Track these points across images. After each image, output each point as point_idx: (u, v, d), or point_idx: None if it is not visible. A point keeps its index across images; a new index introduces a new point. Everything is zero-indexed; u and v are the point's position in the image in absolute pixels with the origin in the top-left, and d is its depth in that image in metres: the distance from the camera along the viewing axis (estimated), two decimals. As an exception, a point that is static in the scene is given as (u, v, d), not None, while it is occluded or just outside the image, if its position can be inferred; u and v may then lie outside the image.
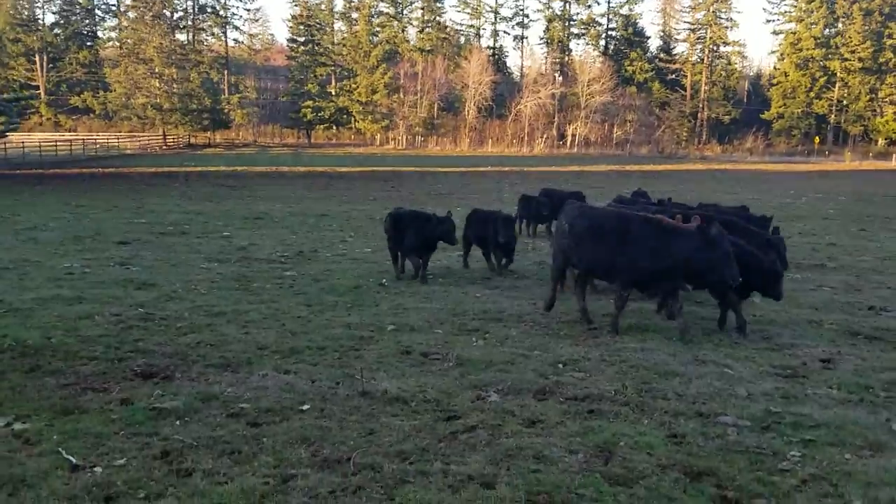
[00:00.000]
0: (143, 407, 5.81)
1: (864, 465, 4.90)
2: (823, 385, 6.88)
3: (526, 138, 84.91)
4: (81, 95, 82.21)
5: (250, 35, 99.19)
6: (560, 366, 7.39)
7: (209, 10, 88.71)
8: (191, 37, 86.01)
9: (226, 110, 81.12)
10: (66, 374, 6.70)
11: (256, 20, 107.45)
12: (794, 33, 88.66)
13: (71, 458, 4.79)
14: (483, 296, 11.24)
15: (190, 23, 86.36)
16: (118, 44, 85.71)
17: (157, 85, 74.50)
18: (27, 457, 4.85)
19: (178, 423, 5.52)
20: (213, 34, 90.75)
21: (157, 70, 74.37)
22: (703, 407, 6.10)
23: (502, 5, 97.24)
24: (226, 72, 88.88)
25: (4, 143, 47.01)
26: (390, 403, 6.06)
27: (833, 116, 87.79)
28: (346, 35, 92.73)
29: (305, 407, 5.94)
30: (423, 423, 5.63)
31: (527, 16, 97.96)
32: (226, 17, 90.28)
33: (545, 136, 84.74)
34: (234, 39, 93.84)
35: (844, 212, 27.70)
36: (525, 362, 7.48)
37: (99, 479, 4.51)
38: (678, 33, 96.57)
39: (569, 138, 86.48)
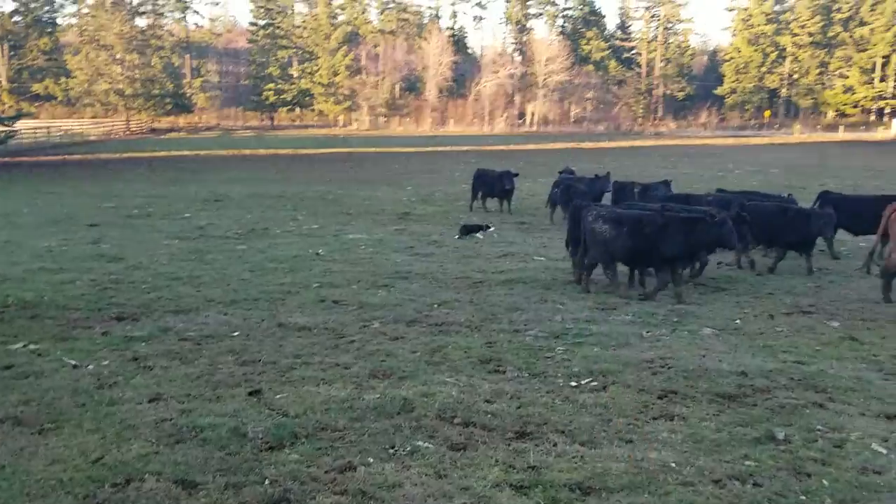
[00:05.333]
0: (119, 335, 8.16)
1: (603, 354, 7.42)
2: (625, 314, 9.41)
3: (487, 117, 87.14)
4: (43, 82, 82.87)
5: (211, 18, 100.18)
6: (436, 306, 9.83)
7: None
8: (151, 22, 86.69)
9: (188, 94, 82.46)
10: (59, 318, 9.01)
11: (217, 3, 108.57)
12: (746, 10, 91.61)
13: (72, 361, 7.16)
14: (401, 260, 13.60)
15: (150, 7, 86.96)
16: (78, 30, 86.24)
17: (119, 71, 75.52)
18: (42, 362, 7.20)
19: (143, 344, 7.88)
20: (173, 18, 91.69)
21: (118, 56, 75.39)
22: (521, 327, 8.60)
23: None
24: (187, 56, 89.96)
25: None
26: (298, 330, 8.48)
27: (784, 90, 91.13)
28: (306, 18, 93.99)
29: (236, 333, 8.34)
30: (317, 340, 8.06)
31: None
32: (186, 1, 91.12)
33: (505, 115, 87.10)
34: (194, 23, 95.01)
35: (766, 184, 30.31)
36: (410, 304, 9.91)
37: (92, 371, 6.89)
38: (635, 11, 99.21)
39: (528, 117, 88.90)
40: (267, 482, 4.81)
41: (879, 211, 11.71)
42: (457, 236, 16.47)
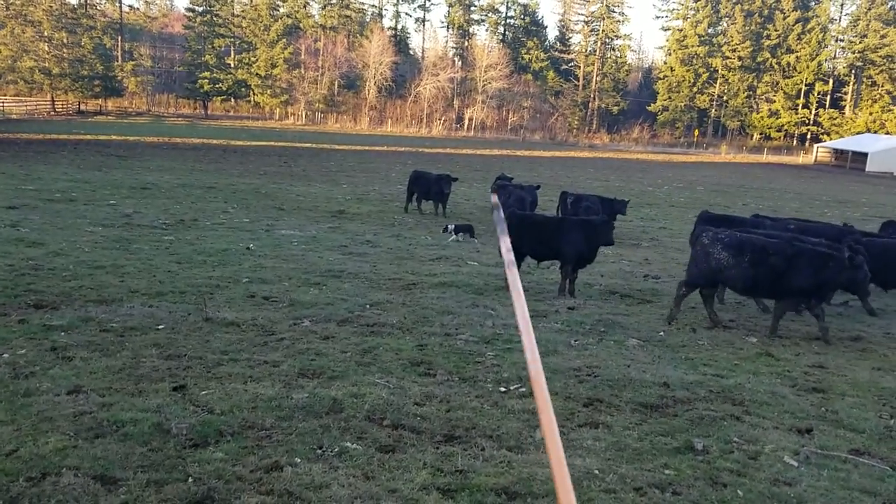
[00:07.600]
0: (37, 324, 7.84)
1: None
2: (554, 322, 9.56)
3: (425, 120, 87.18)
4: (-37, 56, 78.85)
5: (147, 1, 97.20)
6: (368, 306, 9.79)
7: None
8: (83, 0, 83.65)
9: (119, 77, 79.71)
10: (-29, 304, 8.60)
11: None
12: (681, 30, 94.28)
13: (-17, 349, 6.86)
14: (334, 259, 13.49)
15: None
16: (4, 4, 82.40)
17: (46, 49, 72.49)
18: (-49, 349, 6.86)
19: (63, 333, 7.60)
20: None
21: (46, 33, 72.33)
22: (453, 331, 8.64)
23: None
24: (120, 38, 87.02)
25: None
26: (226, 326, 8.31)
27: (713, 111, 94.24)
28: (246, 7, 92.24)
29: (161, 327, 8.11)
30: (246, 337, 7.92)
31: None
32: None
33: (443, 118, 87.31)
34: (129, 5, 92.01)
35: (693, 200, 31.32)
36: (342, 303, 9.84)
37: (7, 361, 6.60)
38: (574, 24, 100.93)
39: (466, 122, 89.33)
40: (190, 480, 4.70)
41: None
42: None
